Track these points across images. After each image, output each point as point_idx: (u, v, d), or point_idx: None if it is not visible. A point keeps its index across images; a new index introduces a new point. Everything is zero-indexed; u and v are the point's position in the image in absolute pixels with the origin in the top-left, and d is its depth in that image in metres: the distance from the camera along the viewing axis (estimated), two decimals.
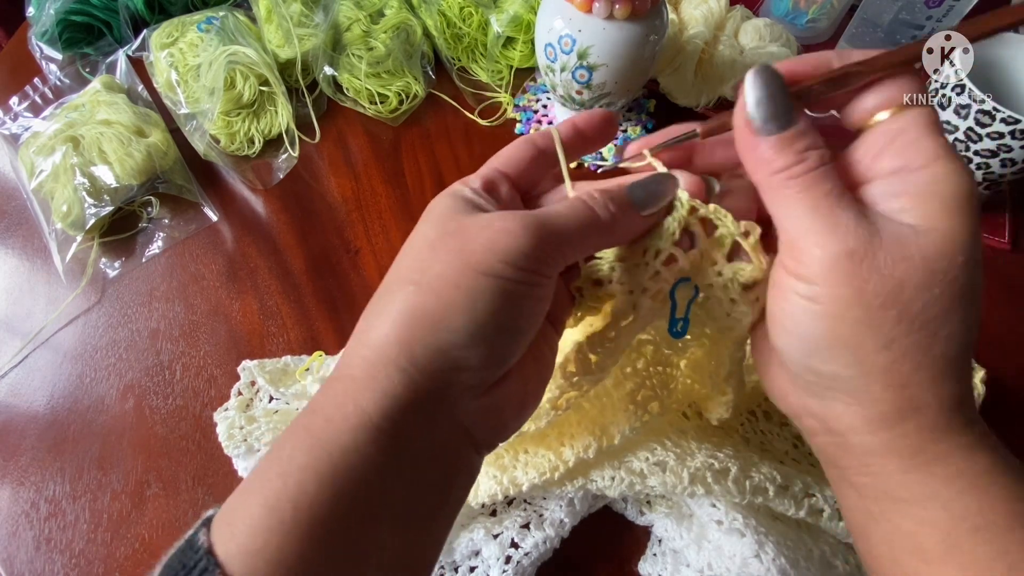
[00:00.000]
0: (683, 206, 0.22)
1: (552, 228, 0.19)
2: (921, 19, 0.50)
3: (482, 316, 0.18)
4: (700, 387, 0.32)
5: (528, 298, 0.19)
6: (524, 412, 0.22)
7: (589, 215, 0.20)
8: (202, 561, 0.17)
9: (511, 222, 0.19)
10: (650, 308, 0.23)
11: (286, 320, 0.47)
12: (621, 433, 0.31)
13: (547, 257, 0.19)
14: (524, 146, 0.23)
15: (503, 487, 0.33)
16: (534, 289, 0.19)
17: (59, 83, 0.61)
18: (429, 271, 0.19)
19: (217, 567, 0.16)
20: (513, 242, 0.19)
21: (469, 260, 0.19)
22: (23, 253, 0.52)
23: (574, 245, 0.20)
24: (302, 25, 0.58)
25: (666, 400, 0.31)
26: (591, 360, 0.25)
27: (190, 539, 0.18)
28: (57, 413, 0.43)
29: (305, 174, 0.55)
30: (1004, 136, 0.42)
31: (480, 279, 0.18)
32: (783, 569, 0.30)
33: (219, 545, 0.17)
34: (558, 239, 0.20)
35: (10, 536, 0.38)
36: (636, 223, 0.22)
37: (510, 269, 0.19)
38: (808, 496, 0.32)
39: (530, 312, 0.20)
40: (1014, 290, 0.47)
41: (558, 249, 0.20)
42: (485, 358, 0.19)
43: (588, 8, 0.44)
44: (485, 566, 0.34)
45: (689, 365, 0.31)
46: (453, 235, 0.19)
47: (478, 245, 0.19)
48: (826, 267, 0.18)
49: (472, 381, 0.20)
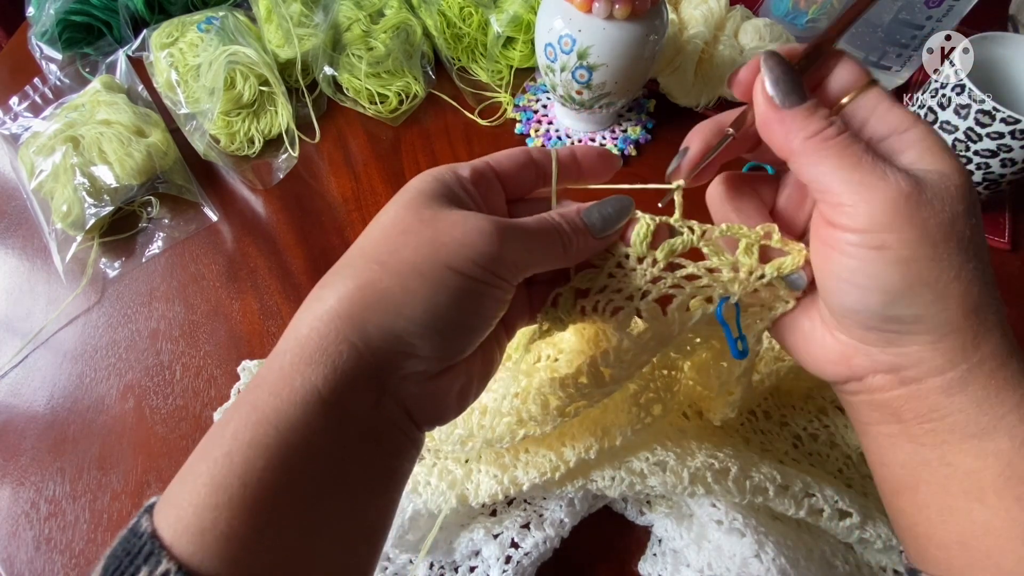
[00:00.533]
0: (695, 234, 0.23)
1: (517, 236, 0.20)
2: (921, 19, 0.50)
3: (441, 309, 0.19)
4: (704, 389, 0.32)
5: (487, 298, 0.20)
6: (464, 401, 0.23)
7: (550, 230, 0.22)
8: (146, 545, 0.16)
9: (484, 224, 0.20)
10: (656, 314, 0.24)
11: (286, 320, 0.46)
12: (623, 434, 0.31)
13: (512, 264, 0.20)
14: (521, 154, 0.24)
15: (503, 487, 0.33)
16: (495, 291, 0.20)
17: (59, 83, 0.61)
18: (397, 254, 0.19)
19: (163, 549, 0.16)
20: (483, 243, 0.19)
21: (439, 252, 0.19)
22: (23, 253, 0.52)
23: (533, 255, 0.21)
24: (302, 25, 0.58)
25: (669, 402, 0.31)
26: (604, 375, 0.25)
27: (132, 527, 0.18)
28: (57, 413, 0.43)
29: (305, 174, 0.55)
30: (1004, 136, 0.42)
31: (446, 273, 0.19)
32: (783, 569, 0.30)
33: (164, 528, 0.17)
34: (521, 247, 0.21)
35: (10, 536, 0.38)
36: (590, 243, 0.23)
37: (477, 269, 0.19)
38: (808, 496, 0.32)
39: (487, 313, 0.21)
40: (1014, 290, 0.47)
41: (520, 257, 0.21)
42: (436, 349, 0.20)
43: (588, 8, 0.44)
44: (485, 566, 0.34)
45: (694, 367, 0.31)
46: (427, 224, 0.20)
47: (451, 239, 0.19)
48: (889, 213, 0.18)
49: (418, 368, 0.20)
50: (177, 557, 0.16)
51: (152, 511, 0.18)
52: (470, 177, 0.22)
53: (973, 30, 0.45)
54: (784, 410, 0.39)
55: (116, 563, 0.17)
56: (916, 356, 0.20)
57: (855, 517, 0.31)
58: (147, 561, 0.16)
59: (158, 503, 0.18)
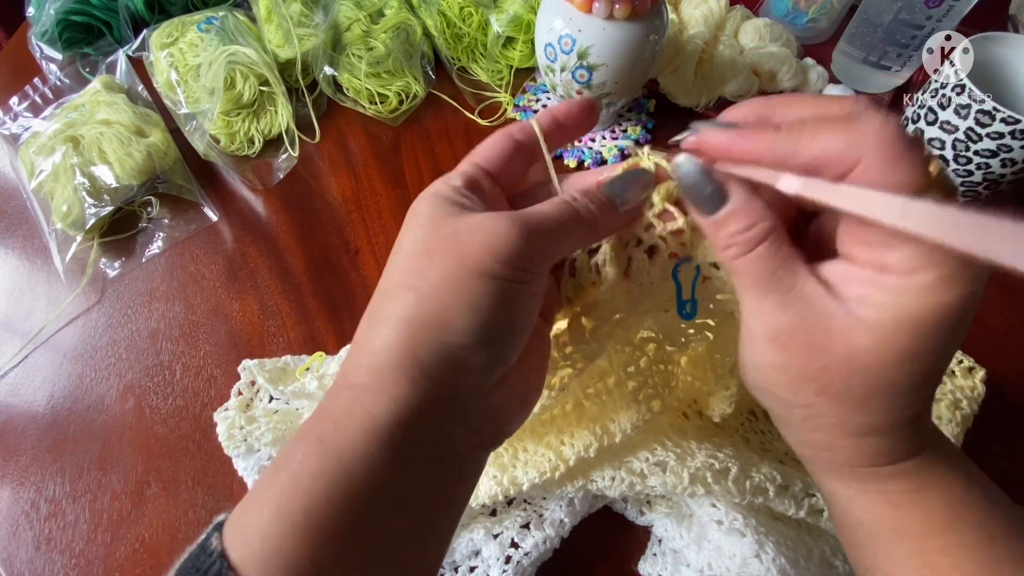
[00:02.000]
0: None
1: (541, 227, 0.20)
2: (921, 19, 0.50)
3: (484, 317, 0.19)
4: (701, 384, 0.32)
5: (524, 295, 0.20)
6: (527, 407, 0.23)
7: (572, 214, 0.21)
8: (215, 564, 0.17)
9: (503, 223, 0.19)
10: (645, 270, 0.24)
11: (286, 320, 0.47)
12: (622, 432, 0.31)
13: (538, 255, 0.20)
14: (502, 140, 0.23)
15: (503, 487, 0.33)
16: (529, 287, 0.20)
17: (59, 83, 0.61)
18: (427, 276, 0.19)
19: (231, 570, 0.17)
20: (507, 242, 0.19)
21: (466, 263, 0.19)
22: (23, 253, 0.52)
23: (560, 243, 0.21)
24: (302, 25, 0.58)
25: (667, 398, 0.31)
26: (585, 327, 0.25)
27: (203, 543, 0.18)
28: (57, 413, 0.43)
29: (305, 174, 0.55)
30: (1004, 136, 0.41)
31: (478, 281, 0.19)
32: (783, 569, 0.30)
33: (232, 549, 0.17)
34: (547, 237, 0.20)
35: (10, 536, 0.38)
36: (616, 219, 0.22)
37: (507, 269, 0.19)
38: (808, 496, 0.32)
39: (526, 309, 0.20)
40: (1014, 290, 0.47)
41: (547, 247, 0.20)
42: (489, 357, 0.20)
43: (588, 8, 0.44)
44: (485, 566, 0.34)
45: (690, 362, 0.31)
46: (447, 239, 0.20)
47: (474, 247, 0.19)
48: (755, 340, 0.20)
49: (478, 382, 0.20)
50: None
51: (221, 529, 0.18)
52: (463, 183, 0.22)
53: (973, 30, 0.45)
54: None
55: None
56: None
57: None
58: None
59: (227, 523, 0.19)
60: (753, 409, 0.39)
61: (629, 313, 0.25)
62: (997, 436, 0.39)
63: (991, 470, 0.21)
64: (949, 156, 0.45)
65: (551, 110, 0.24)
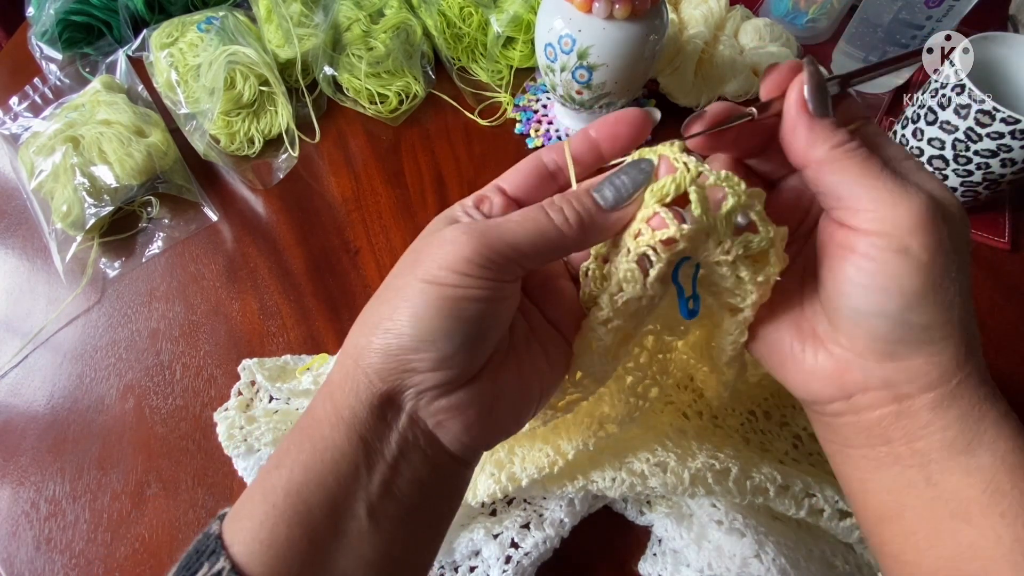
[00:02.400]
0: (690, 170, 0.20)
1: (499, 235, 0.20)
2: (921, 19, 0.50)
3: (423, 320, 0.20)
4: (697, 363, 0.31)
5: (474, 301, 0.20)
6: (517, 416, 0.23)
7: (543, 223, 0.20)
8: (211, 544, 0.20)
9: (458, 232, 0.20)
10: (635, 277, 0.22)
11: (286, 320, 0.47)
12: (619, 423, 0.31)
13: (492, 263, 0.20)
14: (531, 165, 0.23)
15: (501, 485, 0.33)
16: (479, 292, 0.20)
17: (59, 83, 0.61)
18: (390, 283, 0.21)
19: (223, 549, 0.19)
20: (454, 249, 0.20)
21: (415, 269, 0.20)
22: (23, 253, 0.52)
23: (527, 253, 0.20)
24: (302, 25, 0.58)
25: (664, 383, 0.30)
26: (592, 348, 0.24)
27: (206, 530, 0.21)
28: (57, 413, 0.43)
29: (305, 174, 0.55)
30: (1004, 136, 0.41)
31: (419, 285, 0.20)
32: (783, 569, 0.30)
33: (227, 532, 0.20)
34: (507, 246, 0.20)
35: (10, 536, 0.38)
36: (605, 220, 0.21)
37: (451, 275, 0.20)
38: (808, 496, 0.32)
39: (479, 316, 0.20)
40: (1014, 290, 0.47)
41: (508, 256, 0.20)
42: (434, 361, 0.20)
43: (588, 8, 0.44)
44: (485, 566, 0.34)
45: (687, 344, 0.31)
46: (412, 251, 0.22)
47: (424, 256, 0.20)
48: (913, 218, 0.19)
49: (426, 383, 0.20)
50: (232, 556, 0.19)
51: (223, 518, 0.21)
52: (473, 204, 0.22)
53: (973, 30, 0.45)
54: (784, 410, 0.39)
55: (188, 559, 0.20)
56: (915, 370, 0.20)
57: (855, 517, 0.31)
58: (209, 558, 0.19)
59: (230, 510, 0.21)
60: (753, 410, 0.39)
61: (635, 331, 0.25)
62: None
63: None
64: (949, 156, 0.45)
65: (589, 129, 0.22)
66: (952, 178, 0.46)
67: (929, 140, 0.46)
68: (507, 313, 0.21)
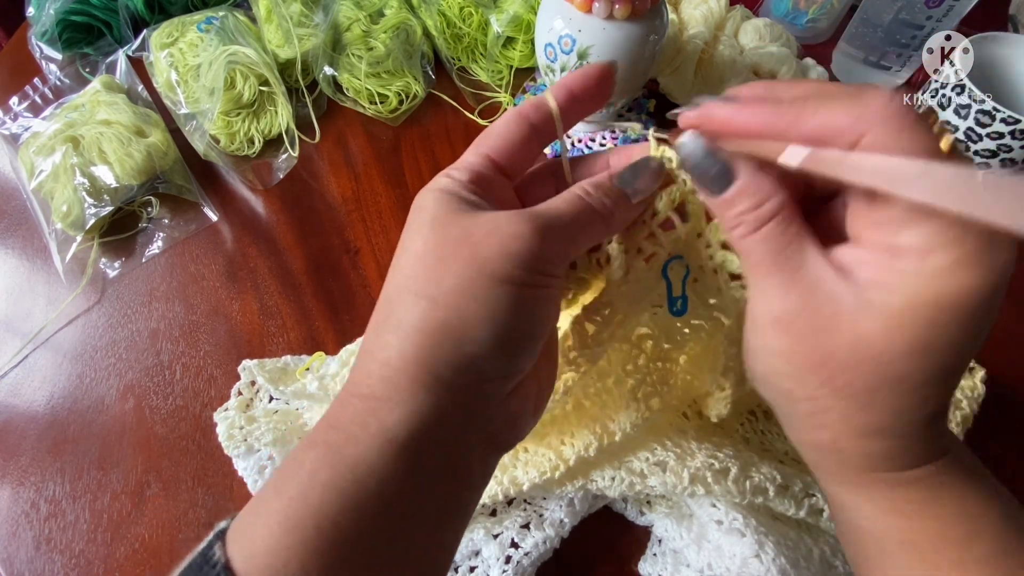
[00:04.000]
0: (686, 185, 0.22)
1: (557, 227, 0.19)
2: (921, 19, 0.50)
3: (503, 326, 0.18)
4: (699, 384, 0.32)
5: (543, 300, 0.19)
6: (540, 410, 0.22)
7: (587, 209, 0.20)
8: None
9: (519, 225, 0.18)
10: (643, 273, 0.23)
11: (286, 320, 0.47)
12: (622, 430, 0.31)
13: (556, 256, 0.19)
14: (515, 124, 0.21)
15: (503, 487, 0.33)
16: (547, 291, 0.19)
17: (59, 83, 0.61)
18: (442, 283, 0.18)
19: None
20: (525, 246, 0.18)
21: (483, 269, 0.18)
22: (23, 253, 0.52)
23: (577, 240, 0.20)
24: (302, 25, 0.58)
25: (666, 396, 0.30)
26: (588, 332, 0.25)
27: (204, 552, 0.17)
28: (57, 413, 0.43)
29: (305, 174, 0.55)
30: (1004, 136, 0.42)
31: (497, 287, 0.18)
32: (783, 569, 0.30)
33: (237, 560, 0.17)
34: (563, 236, 0.19)
35: (10, 536, 0.38)
36: (630, 210, 0.21)
37: (525, 274, 0.18)
38: (808, 496, 0.32)
39: (545, 314, 0.20)
40: (1014, 290, 0.47)
41: (564, 246, 0.20)
42: (508, 366, 0.19)
43: (588, 8, 0.44)
44: (485, 566, 0.34)
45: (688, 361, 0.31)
46: (460, 242, 0.18)
47: (491, 252, 0.18)
48: (759, 324, 0.19)
49: (496, 390, 0.19)
50: None
51: (223, 538, 0.17)
52: (469, 178, 0.21)
53: (973, 30, 0.45)
54: None
55: None
56: None
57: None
58: None
59: (229, 531, 0.18)
60: (753, 409, 0.39)
61: (627, 313, 0.25)
62: (997, 436, 0.39)
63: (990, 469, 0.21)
64: None
65: (565, 82, 0.22)
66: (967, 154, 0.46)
67: None
68: (558, 307, 0.21)
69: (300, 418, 0.40)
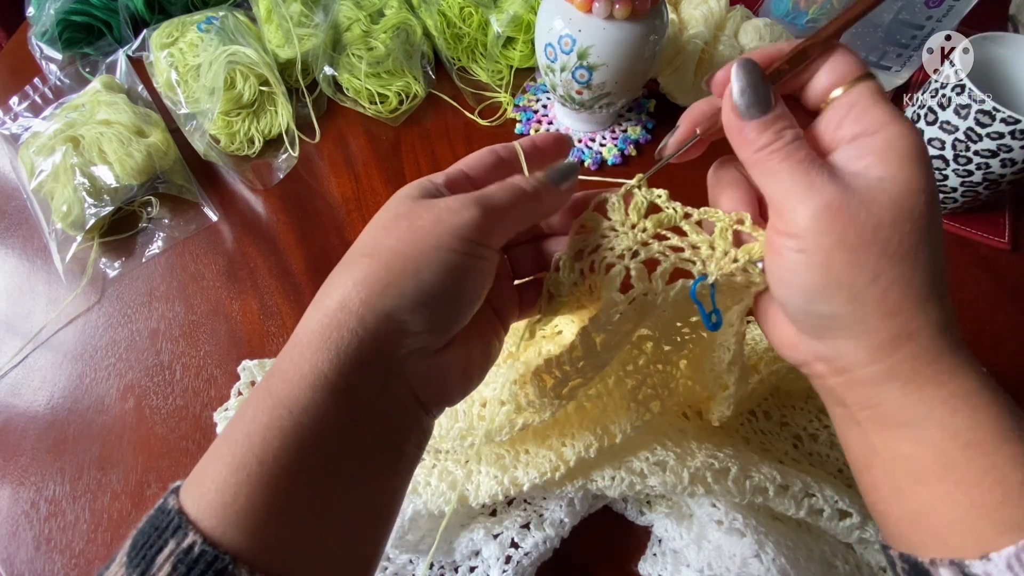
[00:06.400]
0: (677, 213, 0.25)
1: (490, 203, 0.22)
2: (921, 19, 0.50)
3: (427, 284, 0.21)
4: (701, 388, 0.32)
5: (471, 269, 0.22)
6: (467, 384, 0.24)
7: (519, 190, 0.24)
8: (174, 520, 0.18)
9: (457, 202, 0.22)
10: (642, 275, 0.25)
11: (286, 320, 0.47)
12: (623, 432, 0.31)
13: (488, 230, 0.22)
14: (487, 155, 0.26)
15: (503, 487, 0.33)
16: (477, 261, 0.22)
17: (59, 83, 0.61)
18: (381, 244, 0.22)
19: (189, 523, 0.18)
20: (457, 217, 0.21)
21: (417, 234, 0.21)
22: (23, 253, 0.52)
23: (511, 216, 0.23)
24: (302, 25, 0.58)
25: (667, 399, 0.31)
26: (595, 341, 0.26)
27: (160, 506, 0.19)
28: (57, 413, 0.43)
29: (305, 174, 0.55)
30: (1004, 136, 0.42)
31: (429, 252, 0.21)
32: (783, 569, 0.30)
33: (189, 504, 0.18)
34: (496, 213, 0.22)
35: (10, 536, 0.38)
36: (558, 195, 0.25)
37: (456, 241, 0.21)
38: (808, 496, 0.32)
39: (472, 283, 0.22)
40: (1014, 290, 0.47)
41: (498, 222, 0.23)
42: (429, 323, 0.21)
43: (588, 8, 0.44)
44: (485, 566, 0.34)
45: (689, 365, 0.31)
46: (404, 216, 0.22)
47: (426, 221, 0.21)
48: (810, 220, 0.20)
49: (417, 344, 0.21)
50: (202, 531, 0.18)
51: (178, 492, 0.19)
52: (444, 183, 0.24)
53: (973, 30, 0.45)
54: (784, 410, 0.39)
55: (144, 538, 0.18)
56: (840, 348, 0.21)
57: (855, 517, 0.31)
58: (174, 535, 0.18)
59: (184, 486, 0.19)
60: (753, 410, 0.40)
61: (637, 324, 0.26)
62: None
63: None
64: (949, 156, 0.45)
65: (532, 138, 0.28)
66: (952, 178, 0.46)
67: (929, 140, 0.46)
68: (488, 282, 0.23)
69: None
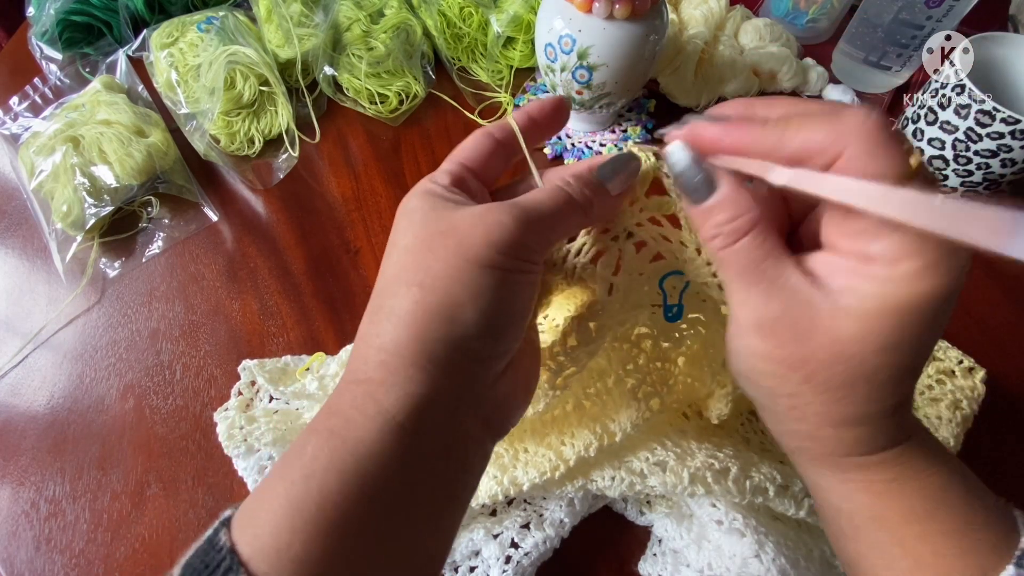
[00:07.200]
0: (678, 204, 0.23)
1: (537, 215, 0.20)
2: (921, 19, 0.50)
3: (488, 307, 0.19)
4: (700, 385, 0.32)
5: (524, 284, 0.21)
6: (528, 395, 0.24)
7: (567, 199, 0.21)
8: (225, 560, 0.17)
9: (501, 214, 0.20)
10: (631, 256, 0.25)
11: (286, 320, 0.47)
12: (622, 430, 0.31)
13: (536, 243, 0.21)
14: (483, 139, 0.24)
15: (503, 487, 0.33)
16: (528, 275, 0.21)
17: (59, 83, 0.61)
18: (431, 271, 0.19)
19: (241, 566, 0.17)
20: (507, 233, 0.20)
21: (468, 255, 0.19)
22: (23, 253, 0.52)
23: (557, 229, 0.22)
24: (302, 25, 0.58)
25: (666, 398, 0.31)
26: (591, 328, 0.25)
27: (210, 539, 0.18)
28: (57, 413, 0.43)
29: (305, 174, 0.55)
30: (1004, 136, 0.42)
31: (481, 272, 0.19)
32: (783, 569, 0.30)
33: (241, 544, 0.17)
34: (543, 225, 0.21)
35: (10, 536, 0.38)
36: (609, 202, 0.23)
37: (507, 259, 0.20)
38: (808, 496, 0.32)
39: (526, 297, 0.21)
40: (1014, 290, 0.47)
41: (545, 234, 0.21)
42: (494, 346, 0.20)
43: (588, 8, 0.44)
44: (485, 566, 0.34)
45: (687, 362, 0.31)
46: (446, 234, 0.20)
47: (475, 240, 0.19)
48: (744, 327, 0.20)
49: (487, 371, 0.21)
50: (254, 574, 0.17)
51: (229, 525, 0.18)
52: (450, 182, 0.22)
53: (973, 30, 0.45)
54: None
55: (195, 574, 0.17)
56: None
57: None
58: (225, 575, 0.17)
59: (235, 517, 0.18)
60: (753, 410, 0.39)
61: (623, 305, 0.26)
62: (997, 436, 0.39)
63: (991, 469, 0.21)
64: (949, 156, 0.45)
65: (525, 109, 0.25)
66: (952, 178, 0.46)
67: (929, 140, 0.46)
68: (537, 291, 0.22)
69: (300, 418, 0.40)
